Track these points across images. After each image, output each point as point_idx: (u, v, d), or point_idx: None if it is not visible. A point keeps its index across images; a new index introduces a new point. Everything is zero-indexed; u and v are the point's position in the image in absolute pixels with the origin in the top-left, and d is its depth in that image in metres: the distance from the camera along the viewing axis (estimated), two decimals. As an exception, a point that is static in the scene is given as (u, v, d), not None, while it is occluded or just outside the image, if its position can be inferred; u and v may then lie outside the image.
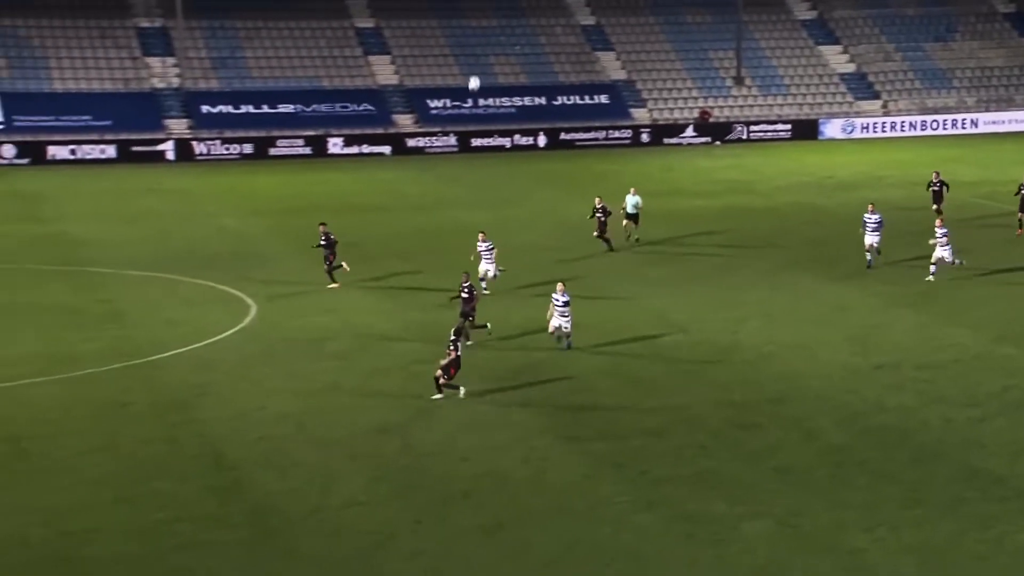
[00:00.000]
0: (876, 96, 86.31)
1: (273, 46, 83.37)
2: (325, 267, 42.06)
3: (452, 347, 30.68)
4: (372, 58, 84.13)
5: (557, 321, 34.41)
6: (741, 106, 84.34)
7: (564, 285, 34.59)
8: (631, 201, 49.40)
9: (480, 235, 41.39)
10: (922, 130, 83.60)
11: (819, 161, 72.02)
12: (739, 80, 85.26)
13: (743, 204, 58.79)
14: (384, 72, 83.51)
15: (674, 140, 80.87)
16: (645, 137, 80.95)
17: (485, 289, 40.40)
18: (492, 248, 41.11)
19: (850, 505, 24.54)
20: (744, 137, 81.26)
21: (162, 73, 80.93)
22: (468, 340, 33.92)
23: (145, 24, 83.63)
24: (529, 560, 22.39)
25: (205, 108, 79.03)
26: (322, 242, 42.28)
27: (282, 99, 79.94)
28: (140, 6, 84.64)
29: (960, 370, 32.96)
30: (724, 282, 42.96)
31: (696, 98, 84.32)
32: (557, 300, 34.30)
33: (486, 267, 41.00)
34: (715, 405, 30.52)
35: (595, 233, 47.66)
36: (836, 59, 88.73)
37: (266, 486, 25.82)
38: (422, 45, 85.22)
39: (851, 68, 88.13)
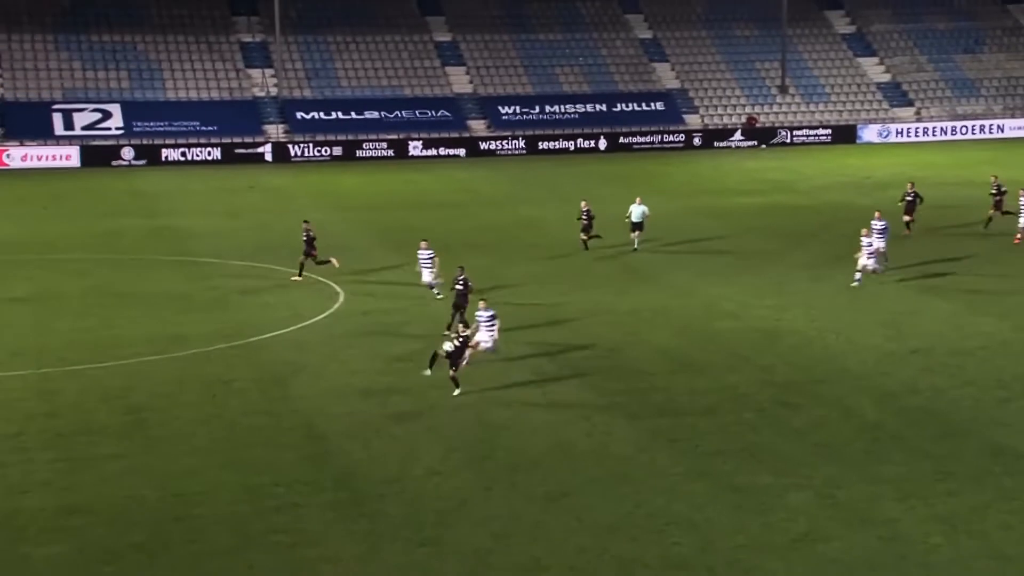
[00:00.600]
0: (910, 104, 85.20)
1: (360, 58, 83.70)
2: (301, 259, 41.61)
3: (459, 338, 29.71)
4: (449, 69, 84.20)
5: (482, 336, 30.59)
6: (785, 112, 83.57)
7: (486, 301, 31.37)
8: (636, 211, 45.77)
9: (422, 243, 38.41)
10: (952, 135, 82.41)
11: (857, 163, 71.23)
12: (783, 89, 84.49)
13: (786, 202, 58.30)
14: (460, 81, 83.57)
15: (723, 144, 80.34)
16: (697, 141, 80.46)
17: (438, 295, 37.78)
18: (432, 256, 37.93)
19: (884, 478, 24.29)
20: (788, 141, 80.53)
21: (261, 83, 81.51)
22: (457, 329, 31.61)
23: (247, 39, 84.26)
24: (591, 524, 22.37)
25: (299, 114, 79.50)
26: (304, 237, 42.01)
27: (368, 106, 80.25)
28: (243, 23, 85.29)
29: (987, 355, 32.51)
30: (769, 273, 42.63)
31: (744, 105, 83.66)
32: (481, 316, 30.67)
33: (427, 278, 37.97)
34: (761, 385, 30.32)
35: (582, 235, 45.58)
36: (873, 70, 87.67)
37: (353, 455, 25.97)
38: (494, 57, 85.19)
39: (887, 78, 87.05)
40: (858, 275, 39.81)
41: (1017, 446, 25.91)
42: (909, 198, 48.56)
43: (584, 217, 46.03)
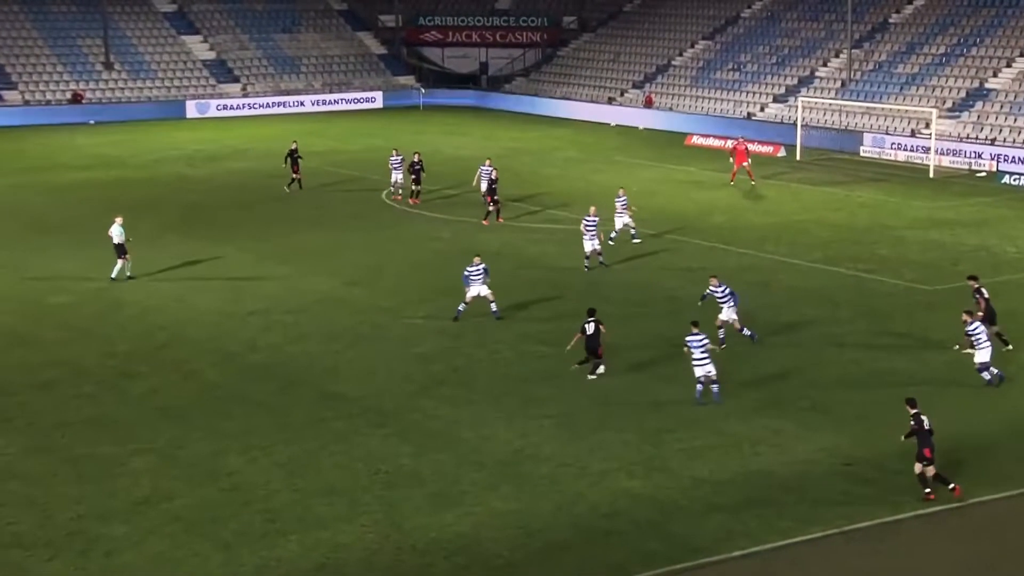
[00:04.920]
0: (236, 80, 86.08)
1: None
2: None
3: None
4: None
5: None
6: (112, 88, 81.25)
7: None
8: (115, 231, 37.02)
9: (476, 259, 32.79)
10: (279, 108, 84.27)
11: (187, 137, 70.60)
12: (108, 65, 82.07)
13: (121, 176, 56.54)
14: None
15: (49, 120, 76.23)
16: (17, 120, 75.42)
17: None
18: (486, 269, 32.87)
19: (227, 433, 24.42)
20: (119, 119, 78.06)
21: None
22: None
23: None
24: (-81, 517, 20.41)
25: None
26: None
27: None
28: None
29: (321, 311, 33.56)
30: (106, 246, 41.16)
31: (68, 81, 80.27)
32: None
33: (472, 293, 32.74)
34: (101, 356, 29.36)
35: None
36: (198, 47, 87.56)
37: None
38: None
39: (212, 55, 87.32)
40: (587, 261, 37.84)
41: (347, 392, 27.07)
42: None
43: None
